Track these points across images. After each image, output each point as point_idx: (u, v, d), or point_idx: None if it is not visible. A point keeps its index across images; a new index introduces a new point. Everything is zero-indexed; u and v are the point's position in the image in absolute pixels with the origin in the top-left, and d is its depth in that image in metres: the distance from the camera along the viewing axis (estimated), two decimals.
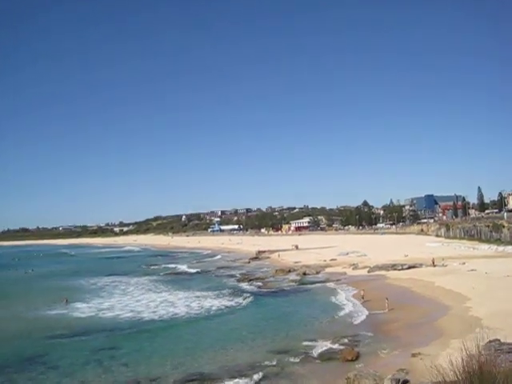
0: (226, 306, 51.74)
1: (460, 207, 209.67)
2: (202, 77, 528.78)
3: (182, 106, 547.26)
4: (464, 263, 67.01)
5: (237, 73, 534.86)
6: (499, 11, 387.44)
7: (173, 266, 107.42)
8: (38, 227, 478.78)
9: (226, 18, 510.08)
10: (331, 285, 62.34)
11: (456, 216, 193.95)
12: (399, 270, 66.30)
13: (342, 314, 44.29)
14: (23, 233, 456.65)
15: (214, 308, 50.97)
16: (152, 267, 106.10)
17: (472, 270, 59.48)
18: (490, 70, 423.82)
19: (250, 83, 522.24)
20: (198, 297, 58.56)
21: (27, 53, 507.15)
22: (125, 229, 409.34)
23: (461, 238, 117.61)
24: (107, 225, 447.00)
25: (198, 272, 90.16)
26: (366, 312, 43.52)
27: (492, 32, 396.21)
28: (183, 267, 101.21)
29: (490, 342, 19.58)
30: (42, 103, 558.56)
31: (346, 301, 50.32)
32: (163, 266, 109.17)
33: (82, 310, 52.84)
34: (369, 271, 68.93)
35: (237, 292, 61.49)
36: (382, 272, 66.49)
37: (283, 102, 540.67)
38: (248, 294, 58.76)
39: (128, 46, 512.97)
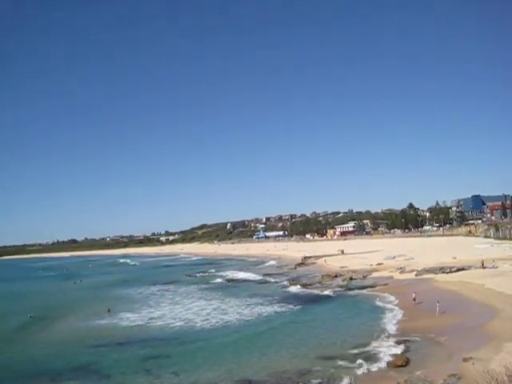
0: (275, 313, 52.06)
1: (509, 207, 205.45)
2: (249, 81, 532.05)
3: (229, 111, 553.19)
4: None
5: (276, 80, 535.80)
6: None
7: (221, 273, 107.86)
8: (86, 238, 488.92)
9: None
10: (378, 289, 61.85)
11: (505, 216, 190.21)
12: (447, 272, 65.28)
13: (389, 319, 43.89)
14: (72, 244, 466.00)
15: (263, 315, 51.23)
16: (200, 275, 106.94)
17: None
18: None
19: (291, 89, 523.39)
20: (248, 304, 58.92)
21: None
22: (171, 238, 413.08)
23: (511, 239, 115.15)
24: (153, 234, 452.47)
25: (245, 279, 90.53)
26: (415, 315, 43.10)
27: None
28: (231, 275, 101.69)
29: None
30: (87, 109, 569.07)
31: (394, 306, 49.87)
32: (211, 273, 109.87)
33: (133, 319, 53.59)
34: (416, 274, 68.02)
35: (285, 298, 61.74)
36: (430, 275, 65.54)
37: (326, 107, 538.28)
38: (296, 301, 58.92)
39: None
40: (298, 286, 72.00)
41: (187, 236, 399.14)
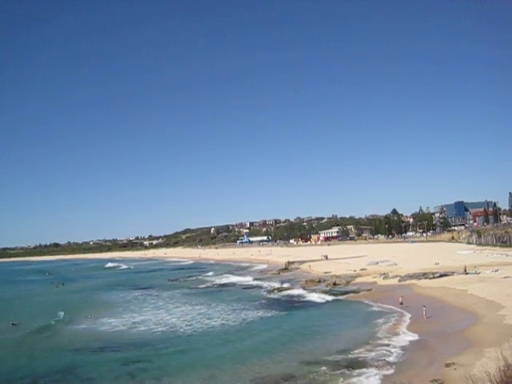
0: (259, 318, 51.88)
1: (491, 213, 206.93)
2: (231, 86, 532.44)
3: (210, 117, 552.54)
4: (497, 270, 66.03)
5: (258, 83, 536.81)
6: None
7: (204, 278, 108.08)
8: (68, 242, 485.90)
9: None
10: (362, 295, 62.05)
11: (487, 222, 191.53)
12: (431, 278, 65.51)
13: (373, 323, 44.03)
14: (54, 248, 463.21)
15: (246, 321, 51.10)
16: (184, 280, 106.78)
17: (506, 278, 58.61)
18: None
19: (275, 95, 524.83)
20: (231, 310, 58.80)
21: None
22: (154, 242, 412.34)
23: (493, 245, 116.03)
24: (137, 238, 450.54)
25: (229, 284, 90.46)
26: (399, 320, 43.27)
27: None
28: (215, 279, 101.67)
29: None
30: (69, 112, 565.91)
31: (378, 310, 50.05)
32: (195, 278, 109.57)
33: (115, 323, 53.13)
34: (399, 280, 68.24)
35: (268, 304, 61.81)
36: (413, 281, 65.78)
37: (310, 114, 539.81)
38: (279, 306, 59.04)
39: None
40: (281, 292, 72.00)
41: (171, 240, 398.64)
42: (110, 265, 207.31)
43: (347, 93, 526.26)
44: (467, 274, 65.79)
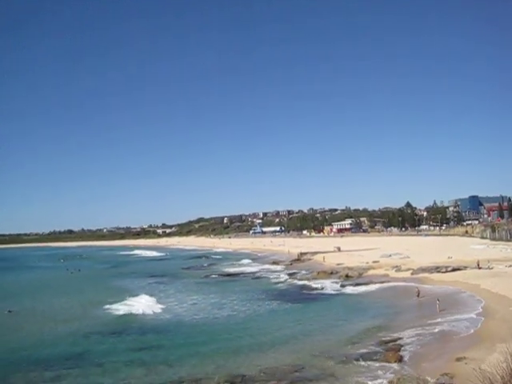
0: (270, 310, 51.95)
1: (506, 208, 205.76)
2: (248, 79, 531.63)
3: (226, 107, 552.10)
4: (510, 266, 65.75)
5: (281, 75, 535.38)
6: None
7: (217, 267, 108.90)
8: (82, 229, 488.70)
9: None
10: (375, 287, 62.09)
11: (502, 217, 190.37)
12: (443, 272, 65.34)
13: (386, 316, 44.06)
14: (69, 234, 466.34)
15: (258, 311, 51.21)
16: (196, 269, 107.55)
17: None
18: None
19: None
20: (243, 300, 58.80)
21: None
22: (167, 230, 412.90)
23: (507, 240, 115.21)
24: (150, 226, 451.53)
25: (242, 273, 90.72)
26: (410, 313, 43.27)
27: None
28: (228, 269, 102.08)
29: None
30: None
31: (391, 303, 50.07)
32: (207, 267, 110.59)
33: (126, 310, 53.33)
34: (412, 273, 68.11)
35: (280, 295, 61.85)
36: (426, 274, 65.67)
37: (324, 105, 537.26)
38: (290, 297, 59.12)
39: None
40: (293, 282, 72.21)
41: (184, 229, 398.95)
42: (124, 252, 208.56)
43: (361, 86, 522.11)
44: (480, 268, 65.53)
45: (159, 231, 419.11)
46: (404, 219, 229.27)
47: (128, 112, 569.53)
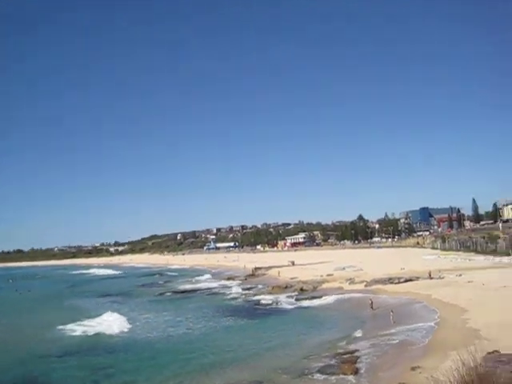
0: (224, 326, 51.44)
1: (455, 219, 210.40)
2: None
3: (176, 121, 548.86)
4: (461, 275, 67.15)
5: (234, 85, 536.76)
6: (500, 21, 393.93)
7: (170, 284, 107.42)
8: (32, 248, 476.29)
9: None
10: (329, 299, 62.43)
11: (451, 228, 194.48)
12: (396, 283, 66.30)
13: (341, 329, 44.30)
14: (18, 254, 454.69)
15: (213, 328, 50.67)
16: (149, 286, 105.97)
17: (469, 282, 59.66)
18: (484, 79, 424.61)
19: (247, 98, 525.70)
20: (198, 317, 58.04)
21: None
22: (120, 248, 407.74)
23: (457, 250, 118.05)
24: (102, 244, 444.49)
25: (195, 290, 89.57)
26: (365, 325, 43.58)
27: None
28: (181, 286, 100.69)
29: (489, 353, 19.72)
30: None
31: (345, 316, 50.38)
32: (161, 284, 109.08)
33: (79, 330, 52.18)
34: (366, 285, 68.88)
35: (235, 310, 61.60)
36: (379, 286, 66.54)
37: (276, 116, 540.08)
38: (246, 313, 58.79)
39: None
40: (248, 298, 72.05)
41: (137, 246, 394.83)
42: (75, 272, 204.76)
43: (311, 97, 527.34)
44: (432, 278, 66.82)
45: (112, 249, 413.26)
46: (357, 232, 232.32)
47: (76, 132, 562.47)
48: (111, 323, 55.16)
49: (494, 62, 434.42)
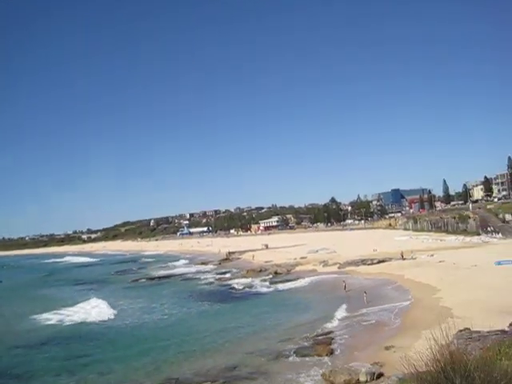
0: (199, 311, 51.44)
1: (426, 200, 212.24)
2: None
3: (151, 106, 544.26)
4: (432, 255, 68.10)
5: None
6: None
7: (144, 271, 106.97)
8: (2, 238, 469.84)
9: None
10: (303, 282, 62.81)
11: (423, 209, 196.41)
12: (369, 264, 67.07)
13: (315, 310, 44.63)
14: None
15: (187, 313, 50.65)
16: (122, 273, 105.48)
17: (440, 262, 60.59)
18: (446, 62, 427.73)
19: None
20: (173, 303, 57.98)
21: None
22: (93, 236, 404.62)
23: (428, 231, 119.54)
24: (75, 232, 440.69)
25: (170, 276, 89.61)
26: (339, 307, 43.91)
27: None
28: (154, 272, 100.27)
29: (461, 331, 20.06)
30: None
31: (319, 298, 50.76)
32: (134, 271, 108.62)
33: (53, 319, 51.71)
34: (339, 267, 69.49)
35: (210, 295, 61.71)
36: (352, 267, 67.21)
37: (249, 101, 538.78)
38: (221, 297, 58.92)
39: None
40: (223, 282, 72.18)
41: (110, 234, 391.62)
42: (48, 261, 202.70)
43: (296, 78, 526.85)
44: (404, 259, 67.66)
45: (84, 237, 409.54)
46: (329, 215, 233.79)
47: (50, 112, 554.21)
48: (86, 311, 54.87)
49: None
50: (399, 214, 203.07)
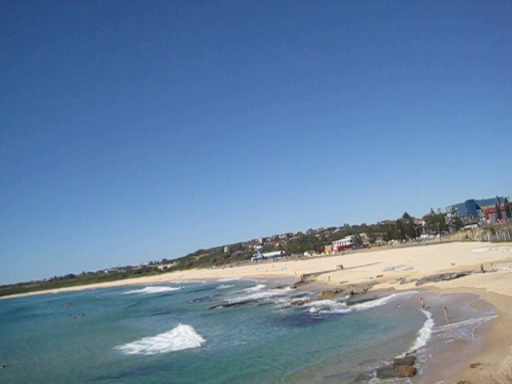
0: (277, 336, 51.16)
1: (503, 209, 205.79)
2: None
3: (216, 135, 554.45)
4: None
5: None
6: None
7: (221, 298, 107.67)
8: (83, 272, 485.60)
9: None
10: (381, 301, 61.76)
11: (501, 218, 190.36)
12: (448, 279, 65.16)
13: (396, 329, 43.77)
14: (70, 279, 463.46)
15: (266, 339, 50.42)
16: (200, 301, 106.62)
17: None
18: None
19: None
20: (251, 328, 58.04)
21: None
22: (168, 265, 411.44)
23: (508, 241, 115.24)
24: (151, 263, 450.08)
25: (246, 301, 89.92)
26: (419, 324, 42.92)
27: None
28: (231, 298, 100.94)
29: None
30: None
31: (400, 315, 49.78)
32: (211, 298, 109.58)
33: (136, 349, 52.72)
34: (417, 284, 67.88)
35: (287, 319, 61.43)
36: (431, 283, 65.47)
37: (313, 123, 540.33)
38: (297, 321, 58.61)
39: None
40: (300, 305, 71.68)
41: (185, 262, 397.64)
42: (126, 292, 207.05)
43: (351, 99, 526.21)
44: (484, 272, 65.40)
45: (160, 267, 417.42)
46: (403, 230, 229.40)
47: (117, 150, 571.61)
48: (167, 340, 55.76)
49: None
50: (475, 226, 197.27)
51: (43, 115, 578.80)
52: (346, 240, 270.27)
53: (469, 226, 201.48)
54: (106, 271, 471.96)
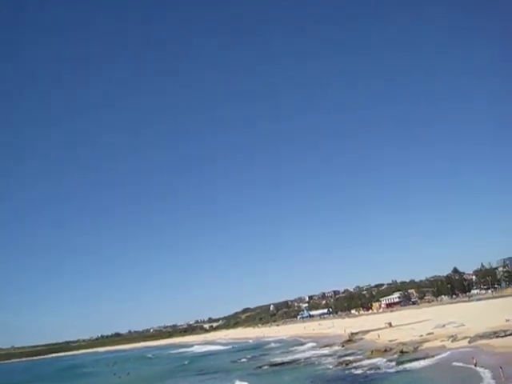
0: None
1: None
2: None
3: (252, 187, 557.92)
4: None
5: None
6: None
7: (266, 357, 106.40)
8: (129, 331, 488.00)
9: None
10: (432, 360, 59.89)
11: None
12: (502, 336, 62.90)
13: None
14: (116, 337, 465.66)
15: None
16: (245, 361, 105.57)
17: None
18: None
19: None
20: None
21: None
22: (214, 324, 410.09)
23: None
24: (196, 322, 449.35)
25: (293, 361, 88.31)
26: None
27: None
28: (278, 358, 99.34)
29: None
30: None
31: (449, 376, 48.14)
32: (257, 358, 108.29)
33: None
34: (469, 341, 65.69)
35: (335, 379, 60.23)
36: (484, 341, 63.27)
37: (357, 177, 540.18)
38: (347, 381, 57.43)
39: None
40: (348, 365, 70.01)
41: (230, 321, 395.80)
42: (172, 351, 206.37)
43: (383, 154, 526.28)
44: None
45: (206, 326, 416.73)
46: (453, 286, 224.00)
47: (157, 212, 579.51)
48: None
49: None
50: None
51: None
52: (394, 297, 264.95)
53: None
54: (151, 330, 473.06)
